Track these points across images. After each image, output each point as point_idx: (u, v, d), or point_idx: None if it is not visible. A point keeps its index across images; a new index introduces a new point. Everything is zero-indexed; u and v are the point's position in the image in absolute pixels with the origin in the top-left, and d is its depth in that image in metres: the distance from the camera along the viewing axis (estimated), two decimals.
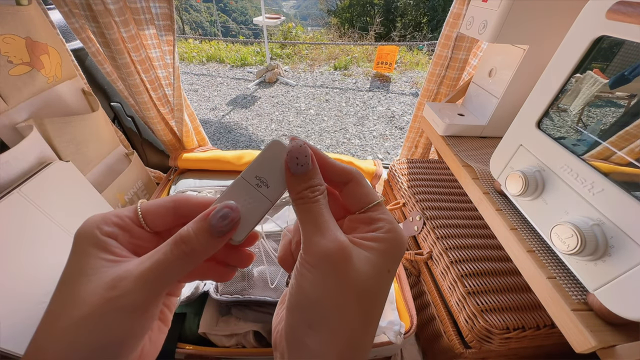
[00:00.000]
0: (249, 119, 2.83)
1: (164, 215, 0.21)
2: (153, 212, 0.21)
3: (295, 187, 0.20)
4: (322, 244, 0.18)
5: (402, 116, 2.86)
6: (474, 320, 0.50)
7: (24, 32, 0.58)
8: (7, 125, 0.57)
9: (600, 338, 0.34)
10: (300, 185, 0.20)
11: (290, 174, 0.20)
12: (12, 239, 0.51)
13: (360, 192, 0.21)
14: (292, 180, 0.20)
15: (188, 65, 4.20)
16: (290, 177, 0.20)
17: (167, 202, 0.21)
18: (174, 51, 0.77)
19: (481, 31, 0.57)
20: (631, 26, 0.31)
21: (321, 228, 0.19)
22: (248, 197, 0.21)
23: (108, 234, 0.19)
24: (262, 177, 0.21)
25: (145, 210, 0.21)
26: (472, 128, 0.69)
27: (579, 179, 0.37)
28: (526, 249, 0.44)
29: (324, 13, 7.07)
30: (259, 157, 0.21)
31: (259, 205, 0.21)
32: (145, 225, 0.21)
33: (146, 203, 0.21)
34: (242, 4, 12.55)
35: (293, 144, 0.20)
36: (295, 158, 0.20)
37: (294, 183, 0.20)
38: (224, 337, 0.56)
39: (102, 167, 0.78)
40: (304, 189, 0.20)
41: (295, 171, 0.20)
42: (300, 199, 0.20)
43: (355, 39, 5.14)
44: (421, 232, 0.67)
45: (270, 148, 0.21)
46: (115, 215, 0.20)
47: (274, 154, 0.21)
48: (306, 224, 0.19)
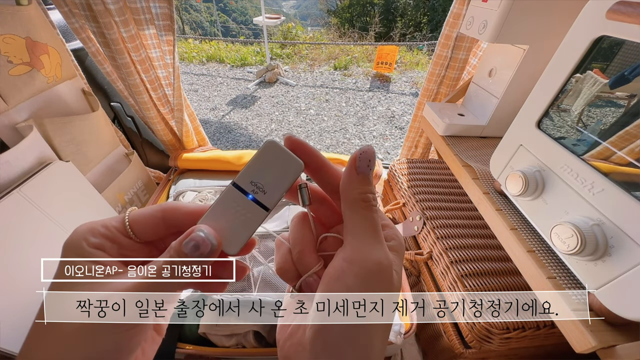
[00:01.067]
0: (249, 119, 2.83)
1: (152, 225, 0.20)
2: (141, 222, 0.20)
3: (358, 186, 0.19)
4: (376, 257, 0.17)
5: (402, 116, 2.86)
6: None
7: (24, 32, 0.58)
8: (7, 125, 0.57)
9: (600, 338, 0.34)
10: (365, 187, 0.19)
11: (355, 172, 0.19)
12: (12, 239, 0.51)
13: None
14: (356, 178, 0.19)
15: (188, 65, 4.20)
16: (354, 176, 0.19)
17: (156, 211, 0.20)
18: (174, 51, 0.77)
19: (481, 31, 0.57)
20: (631, 26, 0.31)
21: (379, 239, 0.18)
22: (242, 207, 0.19)
23: (95, 245, 0.18)
24: (258, 182, 0.19)
25: (133, 220, 0.20)
26: (472, 128, 0.69)
27: (579, 179, 0.37)
28: (526, 249, 0.44)
29: (324, 13, 7.07)
30: (254, 160, 0.20)
31: (254, 215, 0.19)
32: (134, 235, 0.20)
33: (134, 213, 0.20)
34: (242, 4, 12.55)
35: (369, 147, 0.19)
36: (368, 160, 0.19)
37: (357, 182, 0.19)
38: (224, 337, 0.56)
39: (102, 167, 0.78)
40: (368, 191, 0.19)
41: (363, 171, 0.19)
42: (363, 202, 0.19)
43: (355, 39, 5.14)
44: (421, 232, 0.67)
45: (266, 149, 0.19)
46: (103, 226, 0.19)
47: (270, 156, 0.19)
48: (362, 232, 0.18)
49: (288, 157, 0.19)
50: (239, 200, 0.19)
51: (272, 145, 0.19)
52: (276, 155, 0.19)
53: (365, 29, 5.39)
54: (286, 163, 0.19)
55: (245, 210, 0.19)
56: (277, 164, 0.19)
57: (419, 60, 4.01)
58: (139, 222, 0.20)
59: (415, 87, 3.43)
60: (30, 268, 0.53)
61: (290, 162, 0.19)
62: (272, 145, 0.19)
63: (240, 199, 0.19)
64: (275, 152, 0.19)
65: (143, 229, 0.20)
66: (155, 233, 0.20)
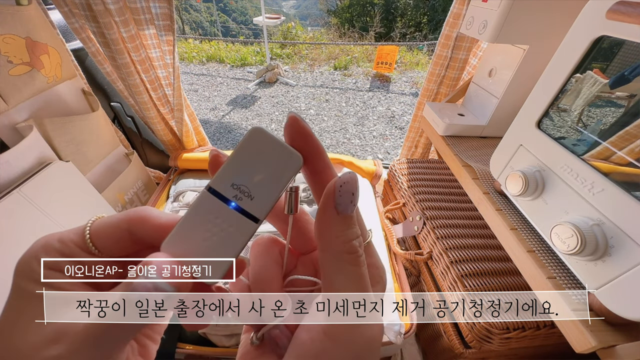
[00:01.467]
0: (249, 119, 2.83)
1: (117, 238, 0.16)
2: (104, 234, 0.16)
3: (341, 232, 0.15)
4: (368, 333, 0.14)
5: (402, 116, 2.86)
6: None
7: (24, 32, 0.58)
8: (7, 125, 0.57)
9: (600, 338, 0.34)
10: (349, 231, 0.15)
11: (335, 212, 0.15)
12: (12, 239, 0.51)
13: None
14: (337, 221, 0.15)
15: (188, 65, 4.20)
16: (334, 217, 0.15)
17: (120, 221, 0.16)
18: (174, 51, 0.77)
19: (481, 31, 0.57)
20: (631, 26, 0.31)
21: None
22: (222, 219, 0.14)
23: (50, 266, 0.14)
24: (242, 184, 0.15)
25: (95, 231, 0.16)
26: (472, 128, 0.69)
27: (579, 179, 0.37)
28: (526, 249, 0.44)
29: (324, 13, 7.07)
30: (235, 156, 0.15)
31: (239, 229, 0.15)
32: (97, 251, 0.16)
33: (98, 222, 0.16)
34: (242, 4, 12.55)
35: (350, 175, 0.15)
36: (351, 194, 0.15)
37: (339, 225, 0.15)
38: (224, 337, 0.56)
39: (102, 167, 0.78)
40: (353, 236, 0.15)
41: (345, 210, 0.15)
42: (348, 254, 0.14)
43: (355, 39, 5.14)
44: (421, 232, 0.67)
45: (251, 140, 0.15)
46: (59, 240, 0.15)
47: (257, 149, 0.15)
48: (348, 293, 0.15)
49: (281, 150, 0.15)
50: (217, 211, 0.14)
51: (260, 133, 0.15)
52: (265, 147, 0.15)
53: (365, 29, 5.39)
54: (279, 157, 0.15)
55: (227, 224, 0.15)
56: (266, 159, 0.15)
57: (419, 60, 4.01)
58: (102, 235, 0.16)
59: (415, 87, 3.43)
60: None
61: (285, 156, 0.15)
62: (260, 134, 0.15)
63: (220, 209, 0.14)
64: (264, 142, 0.15)
65: (107, 242, 0.16)
66: (121, 248, 0.16)
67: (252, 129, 0.15)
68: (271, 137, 0.15)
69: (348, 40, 5.11)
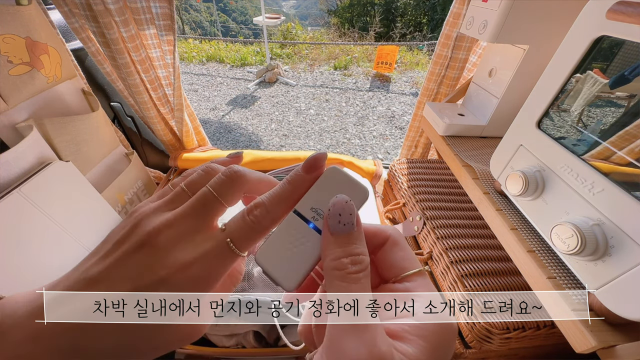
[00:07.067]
0: (249, 118, 2.83)
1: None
2: None
3: (332, 250, 0.16)
4: (353, 350, 0.13)
5: (402, 116, 2.86)
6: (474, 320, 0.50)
7: (24, 32, 0.58)
8: (7, 125, 0.57)
9: (600, 338, 0.34)
10: (341, 249, 0.16)
11: (328, 232, 0.16)
12: (12, 239, 0.51)
13: (397, 256, 0.18)
14: (329, 240, 0.16)
15: (188, 65, 4.20)
16: (327, 237, 0.17)
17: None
18: (174, 51, 0.77)
19: (481, 31, 0.57)
20: (631, 26, 0.31)
21: (357, 326, 0.14)
22: (302, 235, 0.18)
23: None
24: (319, 208, 0.18)
25: None
26: (472, 128, 0.69)
27: (579, 179, 0.37)
28: (526, 249, 0.44)
29: (324, 13, 7.07)
30: (315, 187, 0.19)
31: (314, 244, 0.18)
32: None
33: None
34: (242, 4, 12.55)
35: (338, 198, 0.17)
36: (337, 215, 0.16)
37: (331, 244, 0.16)
38: (224, 337, 0.56)
39: (102, 167, 0.78)
40: (344, 255, 0.16)
41: (335, 230, 0.16)
42: (336, 270, 0.15)
43: (355, 39, 5.14)
44: (421, 232, 0.67)
45: (328, 176, 0.19)
46: None
47: (333, 182, 0.19)
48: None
49: (352, 183, 0.19)
50: (299, 228, 0.18)
51: (335, 171, 0.19)
52: (339, 181, 0.19)
53: (366, 29, 5.39)
54: (350, 189, 0.19)
55: (305, 239, 0.18)
56: (340, 191, 0.18)
57: (419, 60, 4.01)
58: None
59: (415, 87, 3.43)
60: (29, 268, 0.53)
61: (355, 188, 0.19)
62: (335, 172, 0.19)
63: (301, 227, 0.18)
64: (338, 178, 0.19)
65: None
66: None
67: (329, 168, 0.19)
68: (344, 173, 0.19)
69: (348, 40, 5.11)
